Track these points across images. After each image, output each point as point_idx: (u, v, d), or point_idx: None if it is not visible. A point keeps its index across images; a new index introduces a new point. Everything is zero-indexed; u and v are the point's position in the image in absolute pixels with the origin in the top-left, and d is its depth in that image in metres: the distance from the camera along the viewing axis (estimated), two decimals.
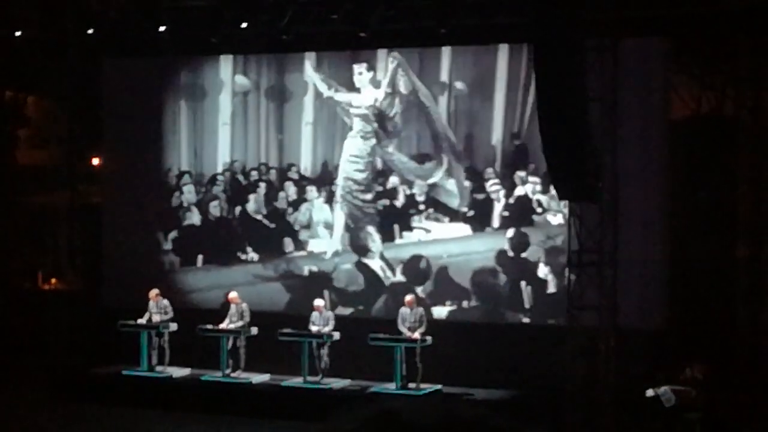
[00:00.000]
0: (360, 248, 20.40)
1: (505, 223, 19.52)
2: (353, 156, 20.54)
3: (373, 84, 20.39)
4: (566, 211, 18.33)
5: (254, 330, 19.61)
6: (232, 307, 19.75)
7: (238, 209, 21.29)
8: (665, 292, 18.15)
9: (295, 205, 20.89)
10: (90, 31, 20.47)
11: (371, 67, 20.46)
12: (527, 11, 16.55)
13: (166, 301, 20.18)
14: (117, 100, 22.00)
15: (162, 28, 20.00)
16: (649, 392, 15.66)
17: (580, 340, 17.33)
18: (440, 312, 19.67)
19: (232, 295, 19.88)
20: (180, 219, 21.56)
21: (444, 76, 20.13)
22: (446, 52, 20.10)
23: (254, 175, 21.25)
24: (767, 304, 17.79)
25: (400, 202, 20.27)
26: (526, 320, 19.30)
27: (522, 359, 18.48)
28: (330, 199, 20.64)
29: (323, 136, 20.88)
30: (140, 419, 18.57)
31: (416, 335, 18.59)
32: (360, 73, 20.53)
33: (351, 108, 20.51)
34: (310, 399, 18.76)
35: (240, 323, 19.64)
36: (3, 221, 23.05)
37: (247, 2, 19.61)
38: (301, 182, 20.89)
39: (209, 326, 19.73)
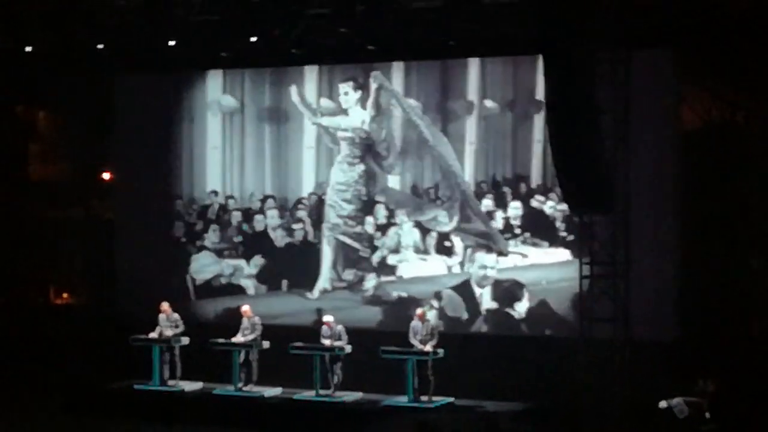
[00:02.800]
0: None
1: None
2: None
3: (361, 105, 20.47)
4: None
5: (266, 343, 19.60)
6: (245, 320, 19.73)
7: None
8: (678, 303, 18.09)
9: (383, 229, 20.51)
10: (100, 46, 20.53)
11: (358, 86, 20.45)
12: (537, 22, 16.52)
13: (176, 315, 20.18)
14: (129, 114, 22.05)
15: (171, 43, 20.06)
16: (662, 404, 15.59)
17: (593, 352, 17.28)
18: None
19: (245, 308, 19.86)
20: (259, 243, 21.30)
21: (472, 94, 19.95)
22: (474, 66, 19.92)
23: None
24: None
25: (496, 225, 19.87)
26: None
27: (535, 371, 18.43)
28: (419, 223, 20.22)
29: (410, 162, 20.40)
30: None
31: (428, 348, 18.55)
32: (346, 93, 20.56)
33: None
34: (322, 412, 18.74)
35: (252, 336, 19.61)
36: (16, 236, 23.08)
37: (256, 16, 19.62)
38: (390, 206, 20.46)
39: (221, 340, 19.71)
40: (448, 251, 19.96)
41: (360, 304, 20.44)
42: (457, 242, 19.88)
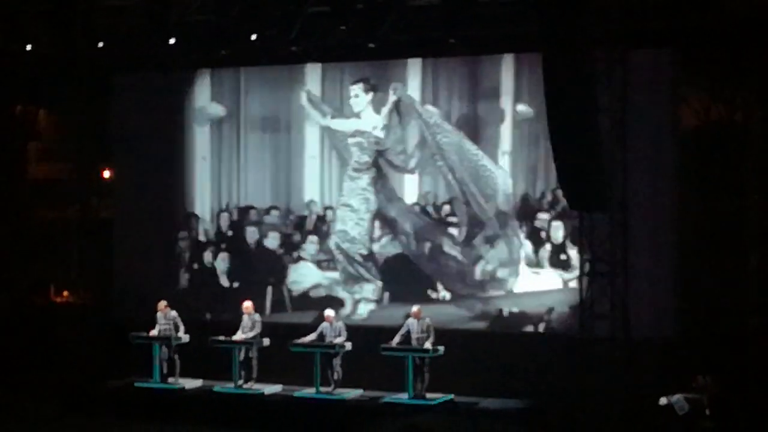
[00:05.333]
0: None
1: None
2: None
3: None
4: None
5: (266, 341, 19.65)
6: (245, 317, 19.77)
7: (428, 245, 20.29)
8: (677, 301, 18.18)
9: (491, 240, 19.88)
10: (100, 45, 20.57)
11: (369, 88, 20.38)
12: (536, 21, 16.60)
13: (174, 313, 20.19)
14: (128, 113, 22.09)
15: (172, 41, 20.11)
16: (662, 401, 15.69)
17: (593, 349, 17.36)
18: None
19: (246, 304, 19.89)
20: None
21: (505, 101, 19.68)
22: (508, 64, 19.72)
23: (447, 209, 20.18)
24: None
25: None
26: (539, 330, 19.34)
27: (534, 369, 18.50)
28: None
29: (522, 167, 19.83)
30: (152, 431, 18.57)
31: (427, 345, 18.61)
32: (356, 95, 20.49)
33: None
34: (322, 410, 18.79)
35: (252, 334, 19.67)
36: (14, 235, 23.11)
37: (256, 15, 19.67)
38: (500, 216, 19.74)
39: (221, 337, 19.76)
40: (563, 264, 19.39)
41: (468, 319, 19.88)
42: (573, 254, 19.11)
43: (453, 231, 20.05)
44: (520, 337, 19.30)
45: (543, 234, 19.44)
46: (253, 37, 19.74)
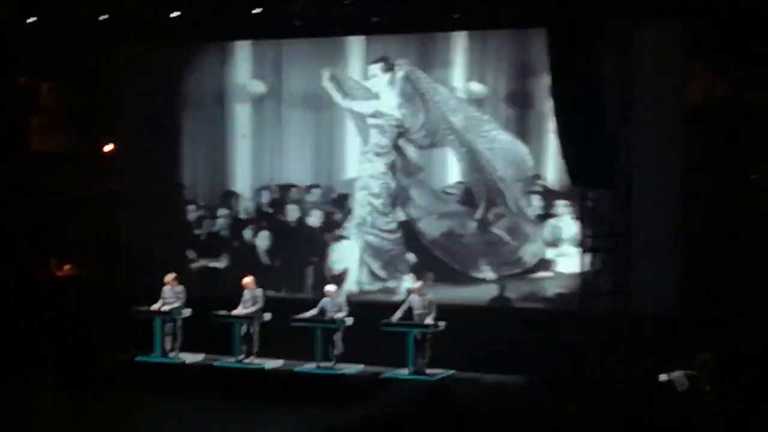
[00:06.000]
0: None
1: None
2: None
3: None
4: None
5: (267, 316, 19.61)
6: (246, 292, 19.74)
7: (472, 224, 19.91)
8: (679, 276, 18.10)
9: (540, 220, 19.46)
10: (104, 17, 20.48)
11: (389, 68, 20.15)
12: None
13: (181, 287, 20.17)
14: (134, 86, 21.99)
15: (175, 14, 20.03)
16: (662, 377, 15.57)
17: (594, 325, 17.29)
18: None
19: (247, 280, 19.84)
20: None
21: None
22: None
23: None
24: None
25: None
26: (539, 305, 19.27)
27: (536, 345, 18.44)
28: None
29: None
30: (153, 405, 18.57)
31: (428, 321, 18.56)
32: (374, 75, 20.26)
33: None
34: (323, 385, 18.76)
35: (253, 309, 19.62)
36: (17, 208, 23.06)
37: None
38: (548, 195, 19.46)
39: (222, 312, 19.72)
40: None
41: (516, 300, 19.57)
42: None
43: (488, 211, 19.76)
44: (520, 312, 19.24)
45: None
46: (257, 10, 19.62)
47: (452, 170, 20.04)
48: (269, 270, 21.13)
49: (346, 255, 20.71)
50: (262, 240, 21.31)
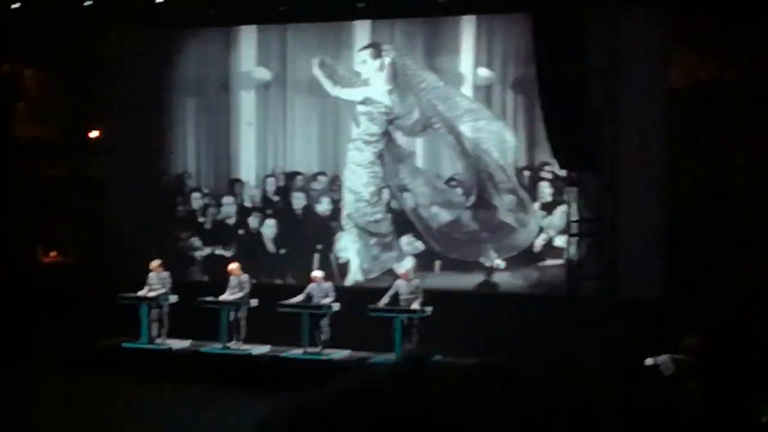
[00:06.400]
0: None
1: None
2: None
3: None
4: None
5: (254, 302, 19.59)
6: (232, 278, 19.72)
7: (482, 211, 19.70)
8: (665, 261, 18.13)
9: (549, 207, 19.29)
10: (89, 2, 20.40)
11: (378, 54, 20.05)
12: None
13: (166, 273, 20.14)
14: (118, 71, 21.89)
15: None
16: (648, 361, 15.62)
17: (580, 309, 17.31)
18: None
19: (233, 266, 19.82)
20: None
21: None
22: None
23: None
24: None
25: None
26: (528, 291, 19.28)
27: (522, 329, 18.44)
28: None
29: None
30: (140, 391, 18.55)
31: (414, 306, 18.57)
32: (364, 61, 20.16)
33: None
34: (309, 370, 18.74)
35: (240, 295, 19.61)
36: (3, 195, 22.99)
37: None
38: (557, 182, 19.16)
39: (209, 298, 19.70)
40: None
41: (525, 286, 19.46)
42: None
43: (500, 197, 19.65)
44: (506, 297, 19.25)
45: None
46: None
47: (443, 157, 20.01)
48: (275, 258, 21.08)
49: (347, 244, 20.63)
50: (268, 228, 21.24)
